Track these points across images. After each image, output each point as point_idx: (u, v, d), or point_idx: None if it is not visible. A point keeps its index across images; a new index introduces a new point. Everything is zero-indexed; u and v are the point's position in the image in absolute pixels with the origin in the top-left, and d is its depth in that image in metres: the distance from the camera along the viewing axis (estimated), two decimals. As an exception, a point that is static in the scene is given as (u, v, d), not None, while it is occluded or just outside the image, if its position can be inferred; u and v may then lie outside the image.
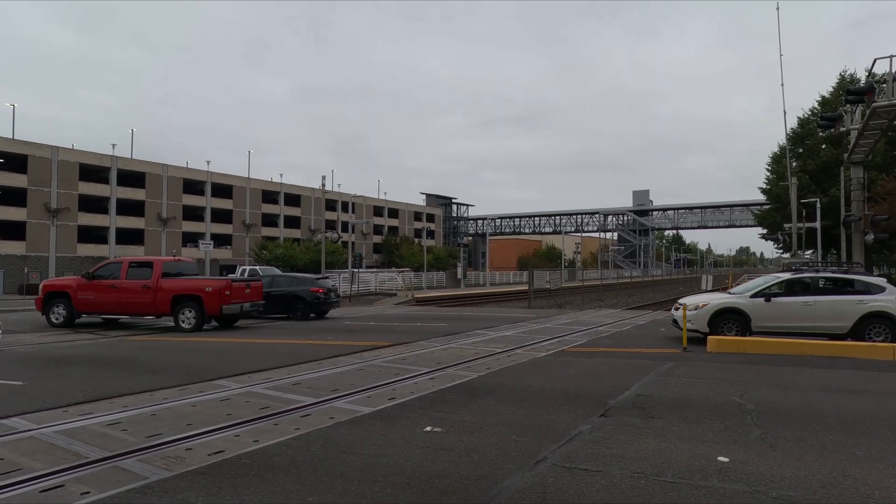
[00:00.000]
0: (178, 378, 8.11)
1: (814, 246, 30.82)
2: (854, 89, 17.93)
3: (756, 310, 12.36)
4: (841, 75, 35.69)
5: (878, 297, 11.84)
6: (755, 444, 5.04)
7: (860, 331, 11.69)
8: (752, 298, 12.51)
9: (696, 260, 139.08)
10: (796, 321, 12.21)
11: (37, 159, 53.27)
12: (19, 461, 4.54)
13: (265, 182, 74.53)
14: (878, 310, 11.69)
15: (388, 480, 4.13)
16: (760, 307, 12.36)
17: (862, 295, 12.03)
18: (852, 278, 12.49)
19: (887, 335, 11.55)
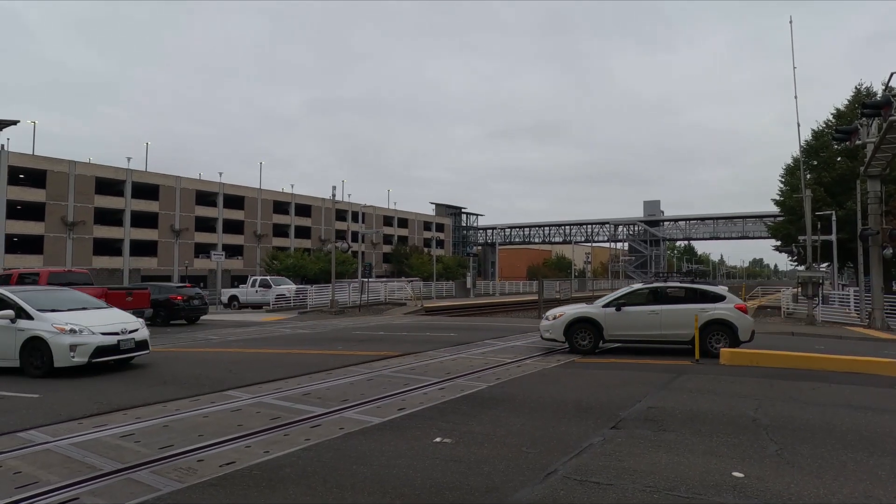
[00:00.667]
0: (190, 389, 8.16)
1: (829, 259, 30.43)
2: (870, 103, 17.80)
3: (608, 319, 12.62)
4: (857, 88, 35.39)
5: (717, 306, 12.23)
6: (771, 460, 4.96)
7: (702, 338, 11.85)
8: (604, 308, 12.84)
9: (708, 271, 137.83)
10: (644, 329, 12.54)
11: (55, 174, 54.24)
12: (36, 474, 4.59)
13: (276, 193, 75.19)
14: (717, 317, 12.04)
15: (398, 492, 4.12)
16: (612, 316, 12.62)
17: (704, 304, 12.31)
18: (696, 288, 12.95)
19: (726, 341, 11.86)
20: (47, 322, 9.22)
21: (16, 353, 9.17)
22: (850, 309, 24.61)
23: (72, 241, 55.12)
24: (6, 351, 9.29)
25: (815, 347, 13.28)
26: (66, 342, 8.98)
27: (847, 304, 25.40)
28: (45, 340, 9.02)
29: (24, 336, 9.17)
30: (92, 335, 9.27)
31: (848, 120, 30.11)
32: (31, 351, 9.13)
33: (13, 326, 9.25)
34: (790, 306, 29.08)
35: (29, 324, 9.25)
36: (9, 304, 9.52)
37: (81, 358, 9.05)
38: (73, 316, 9.62)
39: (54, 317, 9.41)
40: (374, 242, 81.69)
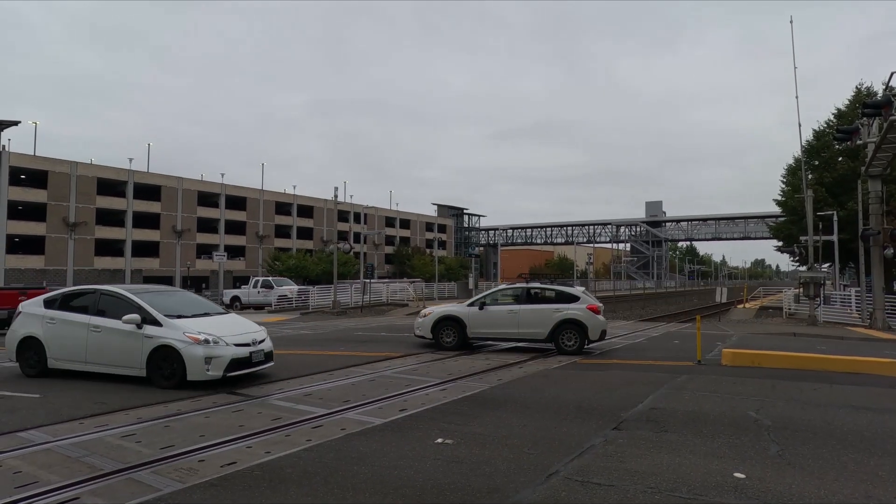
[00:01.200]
0: (191, 389, 8.16)
1: (831, 259, 30.36)
2: (871, 102, 17.76)
3: (471, 317, 13.19)
4: (857, 88, 35.30)
5: (571, 306, 12.72)
6: (772, 460, 4.95)
7: (555, 336, 12.53)
8: (468, 307, 13.45)
9: (710, 272, 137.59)
10: (503, 328, 13.05)
11: (56, 175, 54.34)
12: (36, 474, 4.60)
13: (278, 194, 75.26)
14: (570, 317, 12.57)
15: (400, 493, 4.12)
16: (475, 315, 13.20)
17: (559, 304, 12.84)
18: (553, 289, 13.58)
19: (577, 340, 12.41)
20: (178, 330, 8.27)
21: (142, 361, 8.27)
22: (852, 309, 24.55)
23: (73, 241, 55.21)
24: (130, 359, 8.38)
25: (816, 348, 13.25)
26: (201, 354, 8.05)
27: (848, 304, 25.34)
28: (177, 350, 8.09)
29: (153, 344, 8.23)
30: (226, 346, 8.31)
31: (849, 120, 30.05)
32: (159, 361, 8.19)
33: (139, 332, 8.32)
34: (792, 307, 29.03)
35: (157, 330, 8.30)
36: (132, 306, 8.60)
37: (216, 371, 8.11)
38: (201, 324, 8.65)
39: (184, 324, 8.46)
40: (375, 243, 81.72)
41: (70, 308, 9.10)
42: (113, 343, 8.50)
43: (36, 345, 9.08)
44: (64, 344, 8.88)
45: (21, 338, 9.18)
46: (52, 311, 9.07)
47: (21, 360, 9.24)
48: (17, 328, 9.34)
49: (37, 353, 9.06)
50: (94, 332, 8.63)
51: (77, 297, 9.36)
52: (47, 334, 9.03)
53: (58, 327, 8.96)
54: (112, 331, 8.51)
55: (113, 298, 8.87)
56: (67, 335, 8.86)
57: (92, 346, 8.63)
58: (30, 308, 9.44)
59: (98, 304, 8.89)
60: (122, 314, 8.49)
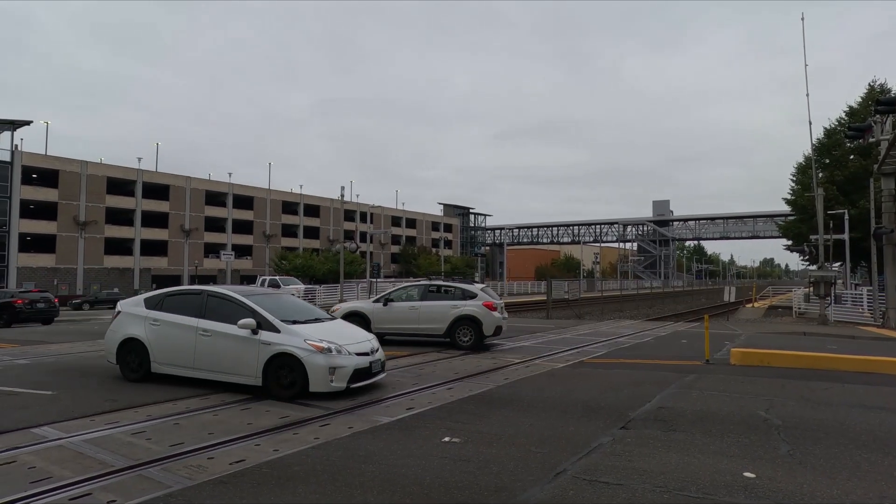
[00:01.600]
0: (200, 387, 8.21)
1: (842, 258, 30.10)
2: (885, 99, 17.57)
3: (376, 313, 13.75)
4: (870, 85, 34.95)
5: (468, 303, 13.21)
6: (783, 460, 4.91)
7: (452, 331, 13.03)
8: (374, 304, 14.02)
9: (719, 271, 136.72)
10: (405, 323, 13.61)
11: (67, 174, 54.85)
12: (50, 469, 4.65)
13: (285, 193, 75.56)
14: (466, 313, 13.04)
15: (407, 491, 4.12)
16: (379, 311, 13.80)
17: (458, 301, 13.35)
18: (452, 286, 14.00)
19: (472, 335, 12.88)
20: (298, 337, 7.59)
21: (258, 370, 7.54)
22: (864, 308, 24.32)
23: (83, 240, 55.70)
24: (245, 366, 7.66)
25: (827, 347, 13.14)
26: (324, 363, 7.38)
27: (860, 303, 25.11)
28: (298, 359, 7.39)
29: (271, 351, 7.53)
30: (349, 356, 7.66)
31: (861, 117, 29.79)
32: (277, 369, 7.50)
33: (255, 339, 7.63)
34: (802, 306, 28.84)
35: (275, 337, 7.61)
36: (246, 310, 7.93)
37: (340, 383, 7.44)
38: (318, 330, 7.99)
39: (302, 330, 7.79)
40: (382, 243, 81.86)
41: (174, 309, 8.43)
42: (225, 349, 7.80)
43: (138, 347, 8.45)
44: (169, 347, 8.23)
45: (122, 339, 8.57)
46: (155, 313, 8.46)
47: (122, 363, 8.61)
48: (118, 329, 8.70)
49: (139, 356, 8.44)
50: (204, 336, 7.96)
51: (181, 297, 8.68)
52: (151, 336, 8.38)
53: (162, 329, 8.33)
54: (224, 336, 7.82)
55: (222, 301, 8.22)
56: (173, 338, 8.21)
57: (201, 351, 7.96)
58: (130, 308, 8.85)
59: (205, 306, 8.23)
60: (233, 318, 7.84)
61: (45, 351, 13.02)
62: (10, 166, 50.92)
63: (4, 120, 50.57)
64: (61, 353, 12.66)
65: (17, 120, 51.43)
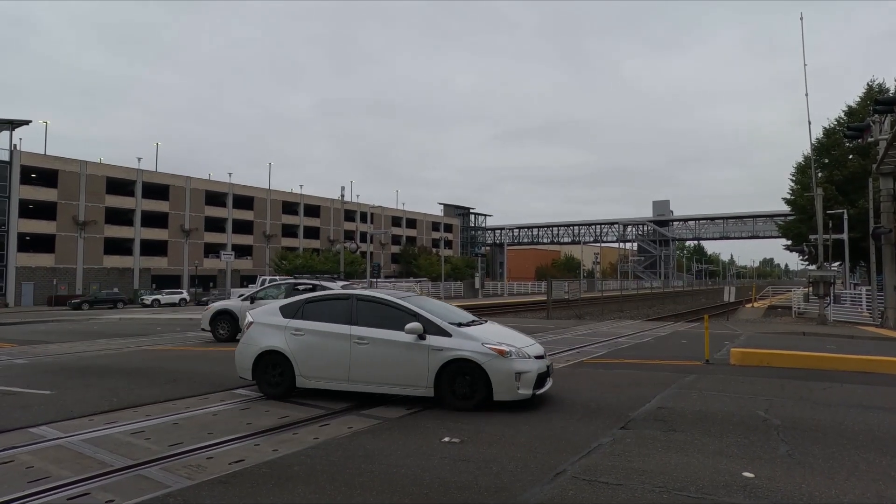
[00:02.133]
0: (200, 387, 8.22)
1: (841, 258, 30.11)
2: (883, 99, 17.62)
3: (242, 311, 13.84)
4: (869, 85, 34.96)
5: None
6: (782, 460, 4.91)
7: None
8: (242, 301, 14.51)
9: (718, 271, 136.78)
10: None
11: (66, 174, 54.83)
12: (48, 469, 4.64)
13: (285, 193, 75.55)
14: None
15: (407, 491, 4.12)
16: (246, 309, 14.03)
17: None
18: (314, 283, 14.42)
19: None
20: (473, 340, 6.84)
21: (429, 378, 6.82)
22: (863, 308, 24.34)
23: (83, 240, 55.68)
24: (412, 376, 6.90)
25: (826, 347, 13.15)
26: (509, 369, 6.63)
27: (859, 303, 25.13)
28: (478, 365, 6.66)
29: (444, 358, 6.78)
30: (530, 359, 6.88)
31: (860, 117, 29.79)
32: (453, 377, 6.75)
33: (424, 344, 6.86)
34: (801, 306, 28.85)
35: (446, 342, 6.85)
36: (407, 313, 7.13)
37: (526, 390, 6.69)
38: (486, 332, 7.24)
39: (476, 333, 7.07)
40: (382, 243, 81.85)
41: (318, 317, 7.54)
42: (388, 358, 7.00)
43: (280, 360, 7.45)
44: (318, 359, 7.32)
45: (259, 352, 7.53)
46: (296, 321, 7.53)
47: (260, 378, 7.57)
48: (252, 341, 7.69)
49: (281, 369, 7.43)
50: (360, 344, 7.11)
51: (324, 303, 7.77)
52: (294, 347, 7.40)
53: (308, 339, 7.39)
54: (386, 343, 7.02)
55: (375, 304, 7.41)
56: (323, 349, 7.31)
57: (358, 361, 7.10)
58: (263, 317, 7.86)
59: (355, 311, 7.38)
60: (391, 323, 7.10)
61: (44, 351, 13.02)
62: (8, 166, 50.91)
63: (3, 119, 50.56)
64: (60, 352, 12.66)
65: (16, 119, 51.42)
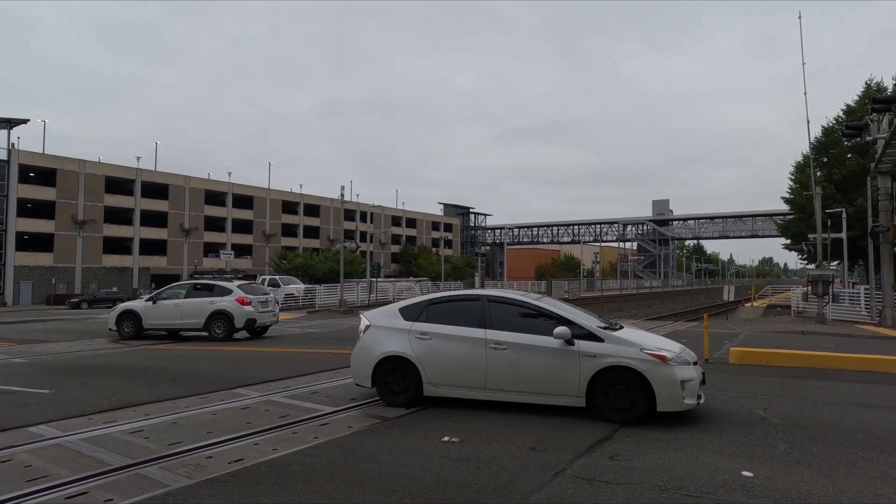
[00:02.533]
0: (200, 386, 8.22)
1: (840, 257, 30.14)
2: (881, 97, 17.64)
3: (146, 311, 15.30)
4: (867, 83, 34.96)
5: (223, 299, 14.94)
6: (781, 459, 4.92)
7: (209, 325, 14.78)
8: (145, 302, 15.59)
9: (718, 270, 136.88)
10: (170, 319, 15.16)
11: (65, 173, 54.76)
12: (46, 468, 4.64)
13: (285, 193, 75.50)
14: (220, 308, 14.96)
15: (407, 490, 4.12)
16: (149, 308, 15.34)
17: (215, 297, 15.01)
18: (212, 283, 15.59)
19: (225, 328, 14.77)
20: (630, 346, 6.26)
21: (579, 387, 6.27)
22: (861, 307, 24.36)
23: (82, 239, 55.62)
24: (563, 384, 6.35)
25: (825, 346, 13.16)
26: (673, 377, 6.09)
27: (857, 302, 25.15)
28: (638, 373, 6.09)
29: (598, 365, 6.20)
30: (689, 366, 6.35)
31: (858, 116, 29.79)
32: (608, 386, 6.19)
33: (573, 350, 6.31)
34: (800, 305, 28.86)
35: (599, 347, 6.28)
36: (550, 317, 6.63)
37: (691, 399, 6.16)
38: (641, 337, 6.72)
39: (630, 337, 6.51)
40: (382, 242, 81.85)
41: (445, 319, 7.01)
42: (530, 364, 6.49)
43: (403, 366, 6.93)
44: (449, 366, 6.79)
45: (380, 358, 7.00)
46: (421, 325, 7.03)
47: (381, 386, 7.05)
48: (370, 346, 7.16)
49: (406, 376, 6.91)
50: (498, 350, 6.58)
51: (452, 304, 7.26)
52: (420, 353, 6.87)
53: (436, 344, 6.86)
54: (527, 348, 6.50)
55: (510, 306, 6.92)
56: (453, 354, 6.77)
57: (495, 368, 6.59)
58: (382, 320, 7.35)
59: (487, 313, 6.84)
60: (530, 326, 6.62)
61: (43, 350, 13.01)
62: (6, 165, 50.84)
63: (1, 118, 50.49)
64: (59, 351, 12.65)
65: (14, 118, 51.34)
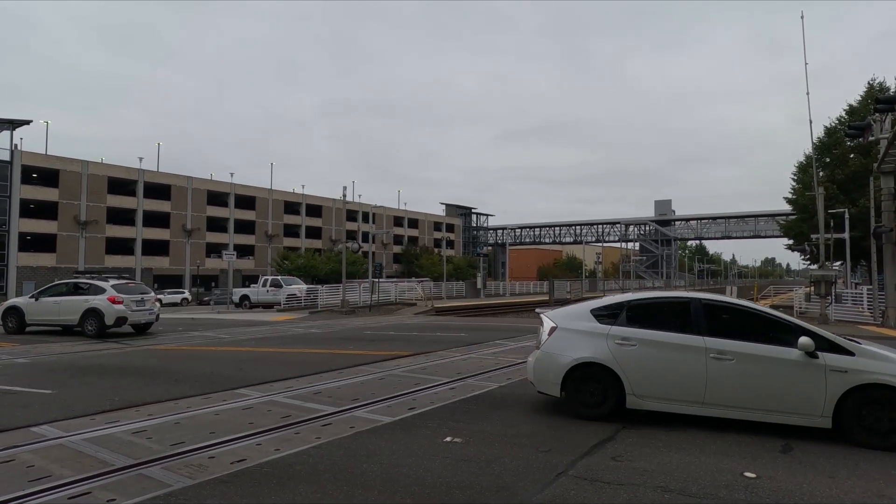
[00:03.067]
0: (202, 387, 8.22)
1: (842, 257, 30.07)
2: (884, 98, 17.57)
3: (29, 307, 16.58)
4: (869, 83, 34.88)
5: (96, 297, 16.06)
6: (783, 459, 4.91)
7: (83, 321, 15.93)
8: (29, 299, 16.79)
9: (720, 271, 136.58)
10: (49, 315, 16.44)
11: (67, 174, 54.91)
12: (49, 468, 4.65)
13: (287, 193, 75.57)
14: (92, 306, 15.92)
15: (409, 491, 4.12)
16: (32, 305, 16.59)
17: (90, 296, 16.15)
18: (89, 283, 16.55)
19: (96, 325, 15.85)
20: (889, 362, 5.53)
21: (825, 407, 5.52)
22: (864, 308, 24.30)
23: (84, 239, 55.76)
24: (803, 402, 5.62)
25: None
26: None
27: (860, 302, 25.08)
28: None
29: (850, 382, 5.49)
30: None
31: (861, 116, 29.72)
32: (859, 406, 5.44)
33: (819, 364, 5.58)
34: (803, 305, 28.77)
35: (850, 361, 5.55)
36: (780, 324, 6.02)
37: None
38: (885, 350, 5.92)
39: (883, 350, 5.80)
40: (384, 243, 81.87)
41: (649, 323, 6.34)
42: (763, 378, 5.75)
43: (600, 374, 6.28)
44: (659, 376, 6.08)
45: (573, 365, 6.34)
46: (621, 328, 6.35)
47: (573, 396, 6.39)
48: (558, 350, 6.51)
49: (602, 385, 6.28)
50: (720, 360, 5.87)
51: (655, 306, 6.69)
52: (623, 360, 6.18)
53: (642, 351, 6.16)
54: (759, 360, 5.78)
55: (729, 311, 6.37)
56: (665, 363, 6.07)
57: (717, 380, 5.86)
58: (571, 322, 6.68)
59: (701, 318, 6.14)
60: (757, 334, 5.94)
61: (46, 350, 13.04)
62: (9, 165, 51.00)
63: (4, 119, 50.65)
64: (62, 352, 12.68)
65: (17, 119, 51.50)
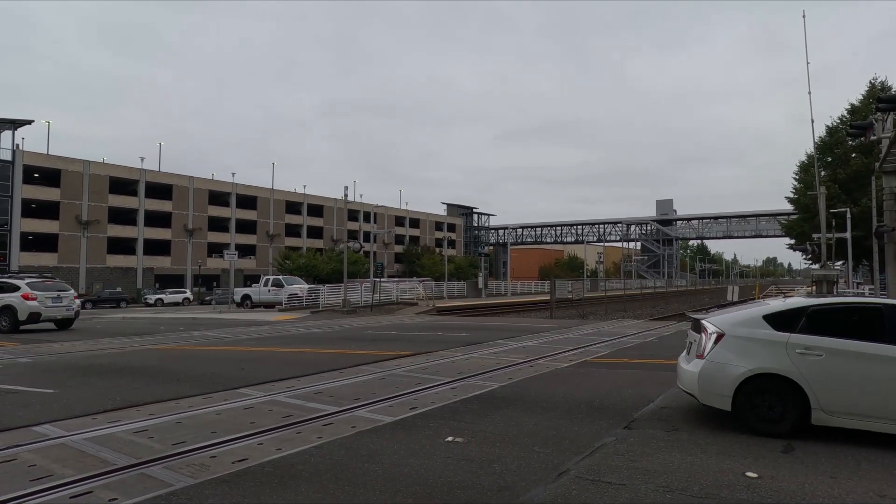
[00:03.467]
0: (203, 386, 8.23)
1: (844, 257, 30.03)
2: (885, 97, 17.53)
3: None
4: (871, 83, 34.85)
5: (11, 295, 17.35)
6: (785, 459, 4.90)
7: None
8: None
9: (722, 270, 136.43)
10: None
11: (69, 174, 55.00)
12: (51, 467, 4.65)
13: (288, 193, 75.63)
14: (6, 304, 17.50)
15: (410, 490, 4.12)
16: None
17: (5, 294, 17.58)
18: (5, 281, 18.22)
19: (9, 320, 17.39)
20: None
21: None
22: (867, 308, 24.19)
23: (86, 239, 55.84)
24: None
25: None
26: None
27: (863, 303, 24.96)
28: None
29: None
30: None
31: (862, 115, 29.68)
32: None
33: None
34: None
35: None
36: None
37: None
38: None
39: None
40: (385, 242, 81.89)
41: (836, 331, 5.66)
42: None
43: (780, 388, 5.62)
44: (850, 390, 5.44)
45: (747, 376, 5.69)
46: (803, 336, 5.66)
47: (745, 410, 5.71)
48: (730, 360, 5.82)
49: (781, 400, 5.60)
50: None
51: (841, 311, 5.97)
52: (807, 372, 5.53)
53: (831, 362, 5.51)
54: None
55: None
56: (860, 377, 5.42)
57: None
58: (740, 329, 5.95)
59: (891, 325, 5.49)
60: None
61: (47, 349, 13.06)
62: (11, 165, 51.09)
63: (5, 119, 50.74)
64: (63, 351, 12.70)
65: (18, 119, 51.60)
